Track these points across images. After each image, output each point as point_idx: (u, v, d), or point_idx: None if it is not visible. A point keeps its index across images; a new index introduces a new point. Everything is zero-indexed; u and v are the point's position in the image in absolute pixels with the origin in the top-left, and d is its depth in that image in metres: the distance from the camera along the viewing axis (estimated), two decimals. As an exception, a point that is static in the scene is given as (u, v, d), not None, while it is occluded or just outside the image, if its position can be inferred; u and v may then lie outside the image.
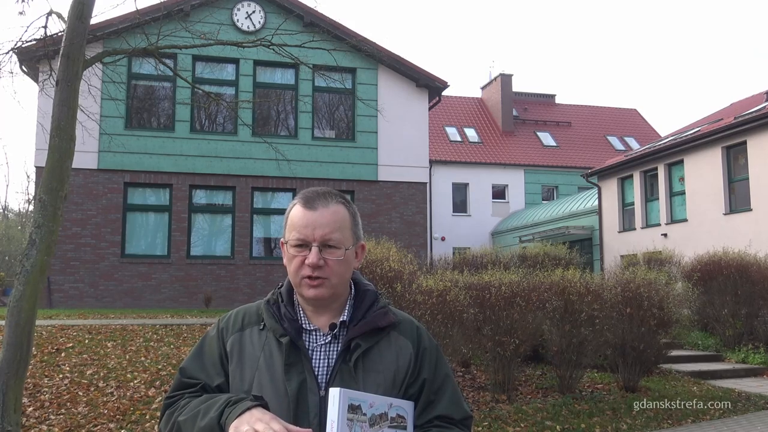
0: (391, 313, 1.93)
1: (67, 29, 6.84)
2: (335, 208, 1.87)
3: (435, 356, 1.93)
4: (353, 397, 1.66)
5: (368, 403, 1.69)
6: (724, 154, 18.43)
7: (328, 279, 1.83)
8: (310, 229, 1.83)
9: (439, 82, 20.76)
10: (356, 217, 1.95)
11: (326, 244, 1.82)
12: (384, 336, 1.88)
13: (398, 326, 1.92)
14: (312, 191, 1.91)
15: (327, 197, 1.88)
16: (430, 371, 1.89)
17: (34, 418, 7.42)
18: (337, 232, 1.84)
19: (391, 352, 1.87)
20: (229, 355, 1.89)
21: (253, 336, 1.89)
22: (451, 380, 1.93)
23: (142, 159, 18.37)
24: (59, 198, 6.50)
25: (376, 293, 1.96)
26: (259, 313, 1.94)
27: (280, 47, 10.37)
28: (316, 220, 1.83)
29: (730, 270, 13.53)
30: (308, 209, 1.85)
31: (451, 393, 1.90)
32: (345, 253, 1.85)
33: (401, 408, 1.78)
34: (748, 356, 12.61)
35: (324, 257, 1.82)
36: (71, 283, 17.57)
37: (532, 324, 9.27)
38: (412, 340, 1.91)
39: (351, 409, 1.65)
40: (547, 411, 8.63)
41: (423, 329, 1.97)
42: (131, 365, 9.65)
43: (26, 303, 6.17)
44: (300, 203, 1.88)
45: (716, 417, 8.96)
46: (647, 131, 37.42)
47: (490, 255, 15.10)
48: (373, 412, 1.69)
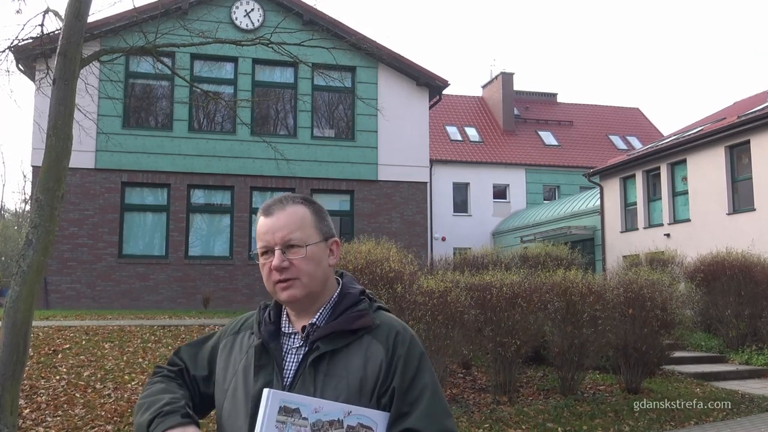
0: (371, 316, 1.88)
1: (64, 27, 6.83)
2: (292, 209, 1.90)
3: (414, 365, 1.82)
4: (288, 400, 1.65)
5: (312, 407, 1.66)
6: (727, 154, 18.40)
7: (297, 279, 1.84)
8: (270, 234, 1.87)
9: (440, 81, 20.72)
10: (321, 213, 1.96)
11: (287, 244, 1.85)
12: (356, 340, 1.83)
13: (374, 331, 1.86)
14: (270, 200, 1.95)
15: (283, 201, 1.92)
16: (403, 380, 1.78)
17: (30, 420, 7.39)
18: (296, 231, 1.87)
19: (359, 358, 1.81)
20: (219, 356, 1.98)
21: (243, 340, 1.96)
22: (432, 392, 1.80)
23: (139, 158, 18.33)
24: (56, 198, 6.48)
25: (359, 296, 1.94)
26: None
27: (279, 46, 10.33)
28: (274, 224, 1.87)
29: (734, 270, 13.48)
30: (267, 216, 1.90)
31: (428, 406, 1.77)
32: (308, 250, 1.86)
33: (367, 418, 1.70)
34: (752, 357, 12.59)
35: (288, 258, 1.85)
36: (68, 284, 17.53)
37: (534, 325, 9.28)
38: (386, 345, 1.83)
39: (285, 411, 1.64)
40: (548, 413, 8.62)
41: (404, 335, 1.87)
42: (129, 366, 9.62)
43: (23, 304, 6.16)
44: (261, 213, 1.93)
45: (719, 419, 8.96)
46: (650, 130, 37.34)
47: (491, 255, 15.09)
48: (320, 418, 1.65)
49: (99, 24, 16.23)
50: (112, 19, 16.54)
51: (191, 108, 18.72)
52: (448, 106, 34.76)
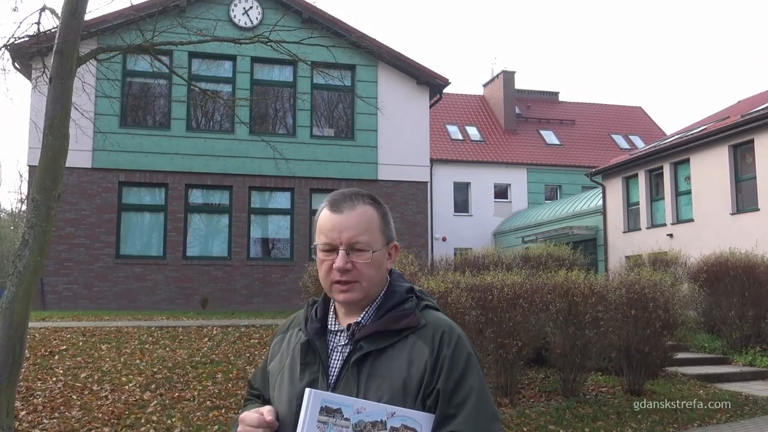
0: (417, 315, 1.84)
1: (60, 25, 6.84)
2: (362, 209, 1.85)
3: (461, 366, 1.77)
4: (329, 400, 1.65)
5: (354, 408, 1.65)
6: (730, 153, 18.34)
7: (357, 282, 1.82)
8: (336, 232, 1.82)
9: (440, 80, 20.68)
10: (387, 216, 1.92)
11: (353, 247, 1.82)
12: (400, 340, 1.80)
13: (419, 330, 1.81)
14: (339, 193, 1.90)
15: (354, 198, 1.87)
16: (448, 382, 1.74)
17: (27, 422, 7.37)
18: (364, 234, 1.83)
19: (403, 358, 1.77)
20: (270, 357, 2.00)
21: (291, 337, 1.96)
22: (478, 395, 1.75)
23: (137, 158, 18.28)
24: (53, 197, 6.49)
25: (405, 294, 1.90)
26: None
27: (278, 44, 10.30)
28: (342, 223, 1.82)
29: (737, 271, 13.45)
30: (334, 212, 1.84)
31: (474, 409, 1.73)
32: (373, 256, 1.83)
33: (411, 419, 1.68)
34: (756, 359, 12.56)
35: (352, 260, 1.81)
36: (65, 285, 17.49)
37: (535, 326, 9.26)
38: (431, 345, 1.78)
39: (326, 411, 1.64)
40: (550, 415, 8.61)
41: (451, 335, 1.81)
42: (126, 368, 9.60)
43: (19, 305, 6.17)
44: (327, 206, 1.87)
45: (722, 420, 8.96)
46: (652, 129, 37.28)
47: (492, 256, 15.07)
48: (362, 419, 1.65)
49: (96, 22, 16.23)
50: (110, 17, 16.51)
51: (189, 107, 18.64)
52: (448, 105, 34.66)
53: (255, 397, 2.03)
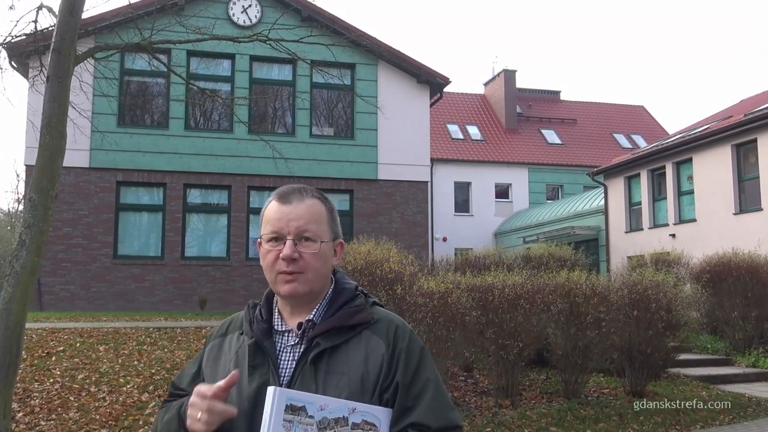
0: (368, 311, 1.86)
1: (57, 24, 6.82)
2: (311, 201, 1.86)
3: (416, 358, 1.82)
4: (294, 397, 1.63)
5: (317, 405, 1.65)
6: (733, 152, 18.31)
7: (303, 273, 1.81)
8: (284, 221, 1.82)
9: (441, 78, 20.64)
10: (333, 213, 1.93)
11: (301, 236, 1.81)
12: (354, 336, 1.81)
13: (373, 326, 1.84)
14: (287, 187, 1.91)
15: (302, 192, 1.88)
16: (406, 374, 1.78)
17: (24, 424, 7.36)
18: (312, 224, 1.83)
19: (360, 353, 1.79)
20: (205, 361, 1.94)
21: (232, 341, 1.92)
22: (435, 385, 1.81)
23: (135, 157, 18.24)
24: (50, 197, 6.47)
25: (355, 291, 1.92)
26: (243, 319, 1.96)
27: (277, 42, 10.28)
28: (291, 213, 1.83)
29: (740, 271, 13.38)
30: (283, 203, 1.85)
31: (432, 399, 1.78)
32: (321, 247, 1.83)
33: (371, 414, 1.70)
34: (759, 360, 12.51)
35: (299, 250, 1.80)
36: (62, 285, 17.45)
37: (537, 327, 9.24)
38: (387, 340, 1.82)
39: (291, 409, 1.62)
40: (551, 416, 8.60)
41: (404, 329, 1.87)
42: (124, 369, 9.58)
43: (16, 305, 6.15)
44: (275, 199, 1.88)
45: (725, 422, 8.94)
46: (655, 129, 37.23)
47: (493, 256, 15.02)
48: (325, 415, 1.65)
49: (93, 20, 16.26)
50: (107, 15, 16.50)
51: (187, 106, 18.65)
52: (449, 104, 34.60)
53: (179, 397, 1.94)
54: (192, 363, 2.02)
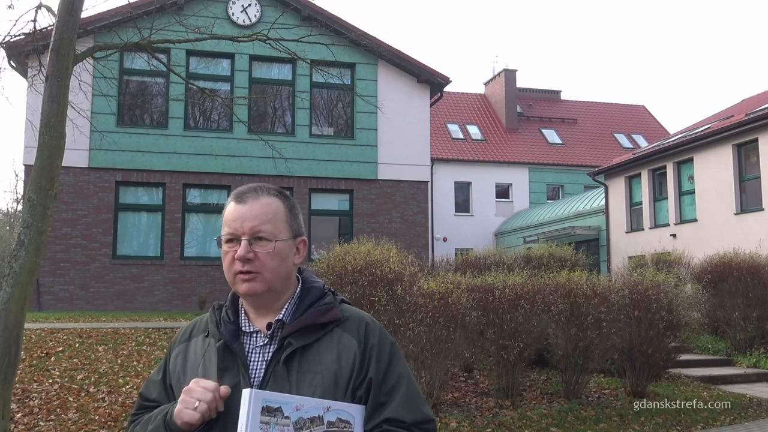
0: (338, 309, 1.88)
1: (56, 23, 6.79)
2: (267, 200, 1.87)
3: (387, 354, 1.85)
4: (270, 399, 1.64)
5: (293, 405, 1.65)
6: (735, 152, 18.28)
7: (260, 273, 1.81)
8: (239, 222, 1.82)
9: (441, 78, 20.60)
10: (294, 210, 1.93)
11: (256, 236, 1.82)
12: (326, 334, 1.83)
13: (344, 323, 1.86)
14: (245, 186, 1.91)
15: (258, 190, 1.89)
16: (378, 370, 1.81)
17: (22, 425, 7.34)
18: (267, 224, 1.83)
19: (332, 351, 1.81)
20: (172, 368, 1.92)
21: (197, 345, 1.91)
22: (407, 380, 1.85)
23: (134, 157, 18.21)
24: (49, 197, 6.44)
25: (323, 289, 1.93)
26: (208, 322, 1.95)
27: (276, 42, 10.25)
28: (246, 213, 1.83)
29: (742, 272, 13.33)
30: (238, 203, 1.85)
31: (405, 394, 1.81)
32: (276, 246, 1.83)
33: (344, 412, 1.72)
34: (760, 360, 12.47)
35: (254, 250, 1.81)
36: (61, 285, 17.42)
37: (537, 327, 9.23)
38: (358, 337, 1.84)
39: (267, 411, 1.62)
40: (552, 417, 8.59)
41: (374, 326, 1.90)
42: (123, 370, 9.58)
43: (15, 305, 6.12)
44: (232, 199, 1.88)
45: (727, 423, 8.92)
46: (656, 128, 37.17)
47: (494, 256, 15.04)
48: (301, 416, 1.65)
49: (92, 19, 16.22)
50: (106, 15, 16.47)
51: (187, 105, 18.62)
52: (449, 104, 34.56)
53: (150, 409, 1.92)
54: (156, 372, 2.00)
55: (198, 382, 1.73)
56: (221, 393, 1.72)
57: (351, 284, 8.77)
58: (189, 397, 1.72)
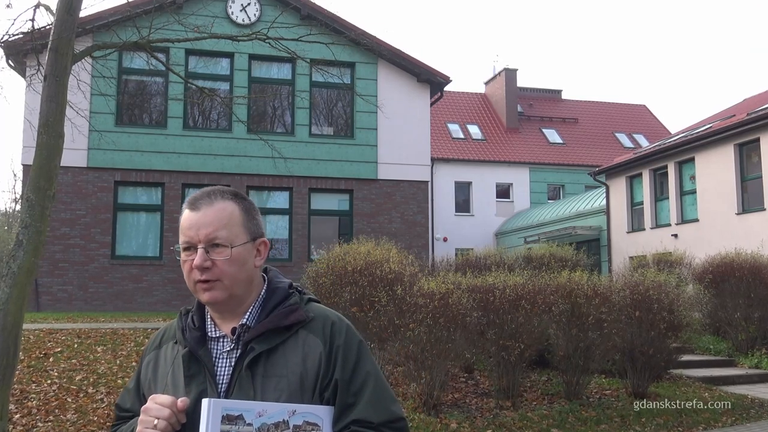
0: (302, 310, 1.85)
1: (55, 22, 6.77)
2: (221, 205, 1.82)
3: (354, 354, 1.82)
4: (230, 407, 1.62)
5: (255, 411, 1.63)
6: (736, 152, 18.24)
7: (219, 281, 1.77)
8: (194, 230, 1.79)
9: (441, 77, 20.57)
10: (251, 211, 1.89)
11: (212, 243, 1.78)
12: (290, 336, 1.80)
13: (309, 324, 1.83)
14: (198, 192, 1.87)
15: (211, 196, 1.84)
16: (345, 371, 1.78)
17: (21, 426, 7.32)
18: (222, 230, 1.79)
19: (297, 353, 1.78)
20: (143, 377, 1.91)
21: (167, 352, 1.89)
22: (375, 379, 1.82)
23: (133, 157, 18.19)
24: (47, 197, 6.42)
25: (288, 290, 1.89)
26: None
27: (276, 41, 10.21)
28: (200, 220, 1.80)
29: (743, 272, 13.27)
30: (192, 210, 1.82)
31: (372, 394, 1.79)
32: (232, 252, 1.79)
33: (312, 414, 1.70)
34: (762, 361, 12.41)
35: (211, 258, 1.77)
36: (59, 286, 17.39)
37: (538, 328, 9.19)
38: (323, 338, 1.81)
39: (228, 419, 1.60)
40: (553, 418, 8.55)
41: (340, 324, 1.86)
42: (122, 371, 9.54)
43: (13, 306, 6.09)
44: (186, 206, 1.85)
45: (728, 424, 8.89)
46: (657, 128, 37.16)
47: (494, 256, 14.97)
48: (265, 421, 1.63)
49: (91, 18, 16.18)
50: (105, 14, 16.42)
51: (186, 105, 18.59)
52: (449, 103, 34.52)
53: (127, 419, 1.92)
54: (131, 381, 1.99)
55: (154, 398, 1.71)
56: (178, 406, 1.69)
57: (351, 284, 8.76)
58: (147, 416, 1.69)
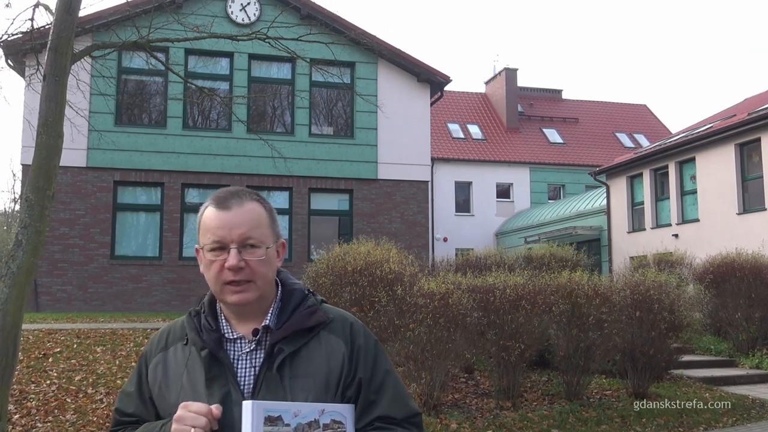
0: (321, 311, 1.86)
1: (54, 22, 6.75)
2: (250, 206, 1.81)
3: (373, 353, 1.87)
4: (270, 408, 1.63)
5: (291, 412, 1.65)
6: (737, 152, 18.21)
7: (252, 282, 1.77)
8: (226, 230, 1.76)
9: (442, 77, 20.56)
10: (273, 213, 1.89)
11: (245, 243, 1.76)
12: (313, 337, 1.81)
13: (329, 325, 1.85)
14: (223, 191, 1.86)
15: (240, 195, 1.83)
16: (366, 370, 1.82)
17: (20, 426, 7.30)
18: (255, 230, 1.78)
19: (321, 354, 1.80)
20: (152, 379, 1.85)
21: (177, 354, 1.85)
22: (393, 377, 1.88)
23: (132, 156, 18.18)
24: (46, 197, 6.40)
25: (304, 292, 1.90)
26: (183, 328, 1.88)
27: (276, 40, 10.18)
28: (232, 220, 1.77)
29: (744, 272, 13.24)
30: (222, 209, 1.79)
31: (392, 391, 1.84)
32: (266, 252, 1.79)
33: (337, 413, 1.73)
34: (763, 362, 12.36)
35: (244, 258, 1.75)
36: (59, 286, 17.39)
37: (538, 328, 9.17)
38: (345, 338, 1.84)
39: (269, 420, 1.61)
40: (553, 418, 8.52)
41: (358, 325, 1.90)
42: (121, 371, 9.53)
43: (12, 306, 6.08)
44: (212, 204, 1.82)
45: (729, 424, 8.85)
46: (657, 128, 37.14)
47: (495, 256, 14.94)
48: (300, 421, 1.65)
49: (90, 18, 16.14)
50: (104, 13, 16.36)
51: (185, 105, 18.58)
52: (450, 103, 34.49)
53: (130, 424, 1.87)
54: (129, 384, 1.92)
55: (187, 407, 1.67)
56: (214, 413, 1.66)
57: (351, 285, 8.74)
58: (182, 425, 1.65)
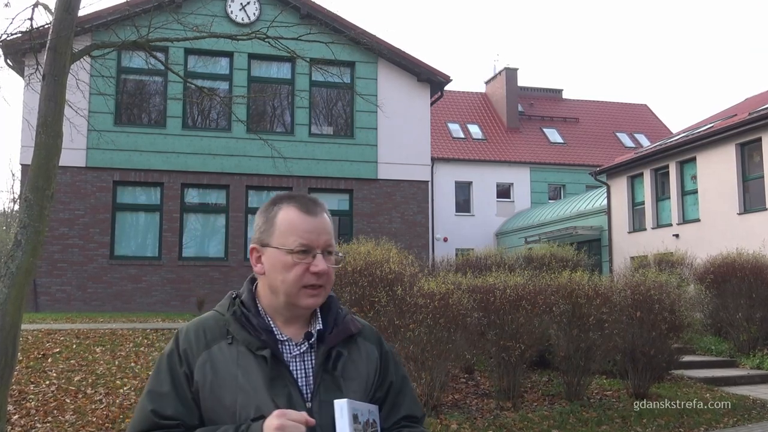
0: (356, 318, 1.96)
1: (53, 21, 6.75)
2: (327, 215, 1.89)
3: (394, 358, 2.00)
4: (354, 408, 1.73)
5: (361, 411, 1.75)
6: (738, 152, 18.18)
7: (324, 287, 1.84)
8: (315, 234, 1.82)
9: (442, 77, 20.56)
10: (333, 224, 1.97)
11: (327, 250, 1.83)
12: (353, 342, 1.90)
13: (362, 332, 1.95)
14: (302, 196, 1.90)
15: (318, 203, 1.89)
16: (393, 374, 1.96)
17: (19, 427, 7.30)
18: (333, 239, 1.87)
19: (361, 358, 1.90)
20: (199, 378, 1.78)
21: (223, 352, 1.80)
22: (409, 380, 2.02)
23: (132, 156, 18.18)
24: (46, 197, 6.40)
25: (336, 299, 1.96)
26: (221, 326, 1.84)
27: (275, 40, 10.17)
28: (319, 226, 1.83)
29: (745, 272, 13.24)
30: (309, 215, 1.83)
31: (411, 393, 1.99)
32: (339, 260, 1.90)
33: (374, 413, 1.82)
34: (764, 362, 12.35)
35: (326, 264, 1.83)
36: (58, 286, 17.39)
37: (539, 328, 9.18)
38: (377, 344, 1.97)
39: (354, 419, 1.71)
40: (553, 419, 8.51)
41: (379, 333, 2.03)
42: (121, 371, 9.55)
43: (11, 306, 6.08)
44: (297, 208, 1.85)
45: (730, 425, 8.83)
46: (658, 128, 37.12)
47: (495, 256, 15.00)
48: (365, 419, 1.76)
49: (90, 18, 16.13)
50: (104, 13, 16.37)
51: (185, 104, 18.58)
52: (450, 103, 34.49)
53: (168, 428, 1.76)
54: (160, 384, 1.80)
55: (287, 415, 1.63)
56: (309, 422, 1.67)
57: (351, 285, 8.72)
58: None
